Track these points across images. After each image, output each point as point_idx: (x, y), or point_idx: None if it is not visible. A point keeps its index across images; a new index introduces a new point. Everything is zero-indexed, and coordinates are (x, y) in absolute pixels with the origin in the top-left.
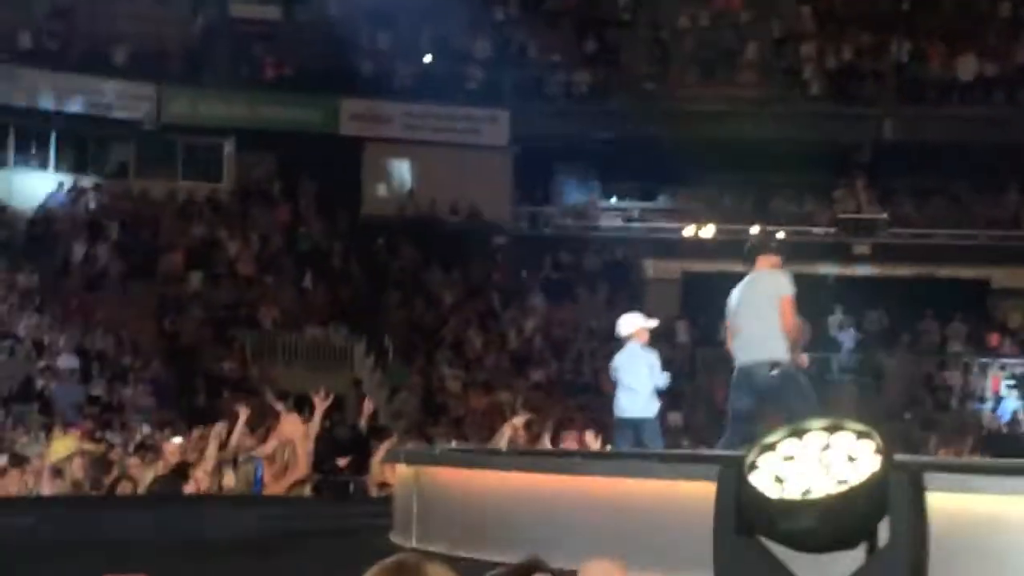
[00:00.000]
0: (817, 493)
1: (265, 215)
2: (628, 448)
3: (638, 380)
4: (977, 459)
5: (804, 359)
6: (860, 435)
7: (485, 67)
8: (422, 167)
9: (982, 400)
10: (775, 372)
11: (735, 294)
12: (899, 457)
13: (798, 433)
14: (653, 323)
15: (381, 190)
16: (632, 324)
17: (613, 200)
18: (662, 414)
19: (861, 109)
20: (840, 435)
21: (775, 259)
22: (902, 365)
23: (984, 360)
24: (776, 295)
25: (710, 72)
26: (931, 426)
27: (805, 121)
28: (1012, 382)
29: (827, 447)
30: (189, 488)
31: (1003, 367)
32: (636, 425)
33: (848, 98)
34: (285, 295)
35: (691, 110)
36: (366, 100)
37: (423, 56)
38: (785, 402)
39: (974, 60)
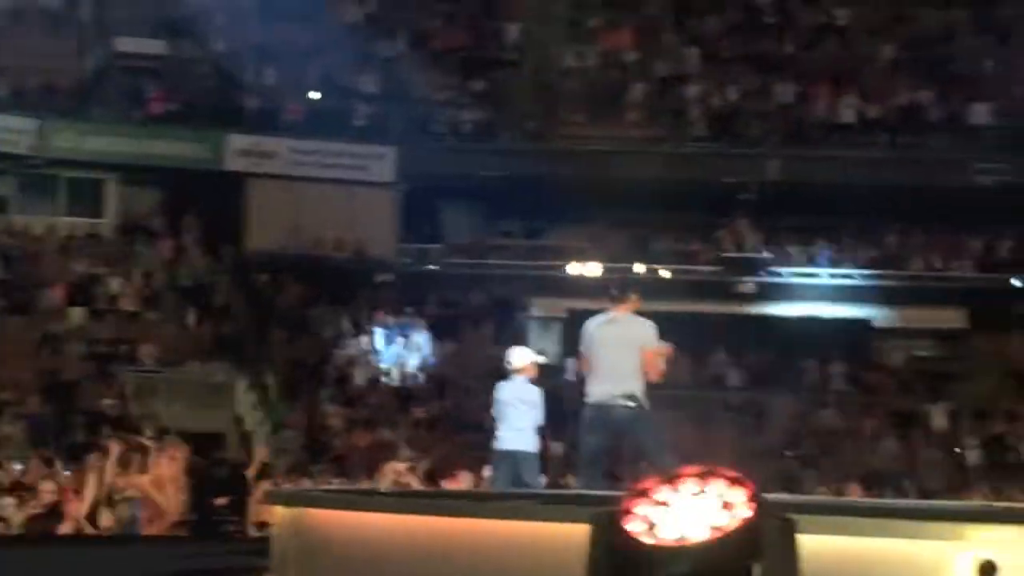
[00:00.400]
0: (690, 539)
1: (148, 251)
2: (505, 482)
3: (522, 414)
4: (853, 500)
5: (667, 348)
6: (733, 482)
7: (372, 104)
8: (308, 203)
9: (860, 439)
10: (632, 404)
11: (594, 331)
12: (776, 497)
13: (671, 479)
14: (543, 359)
15: (266, 226)
16: (523, 358)
17: (499, 238)
18: (544, 445)
19: (746, 149)
20: (713, 482)
21: (637, 300)
22: (783, 404)
23: (864, 399)
24: (641, 344)
25: (596, 112)
26: (811, 464)
27: (690, 161)
28: (889, 422)
29: (700, 493)
30: (64, 528)
31: (881, 406)
32: (516, 459)
33: (733, 138)
34: (167, 331)
35: (577, 149)
36: (252, 136)
37: (310, 92)
38: (639, 438)
39: (857, 102)
